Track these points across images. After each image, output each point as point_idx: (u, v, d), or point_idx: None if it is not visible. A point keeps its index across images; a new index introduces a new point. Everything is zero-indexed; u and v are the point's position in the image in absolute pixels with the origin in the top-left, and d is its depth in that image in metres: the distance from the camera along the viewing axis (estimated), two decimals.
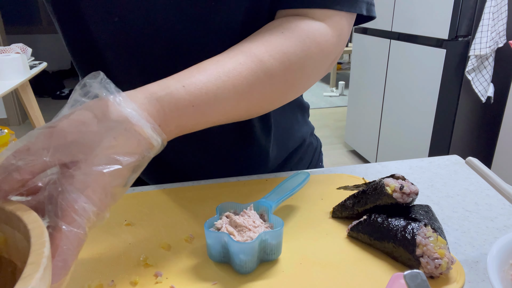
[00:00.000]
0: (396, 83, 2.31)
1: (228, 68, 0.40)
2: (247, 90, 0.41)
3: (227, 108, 0.41)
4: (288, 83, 0.45)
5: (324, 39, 0.46)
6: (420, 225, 0.40)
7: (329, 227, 0.48)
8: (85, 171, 0.29)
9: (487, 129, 2.10)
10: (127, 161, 0.31)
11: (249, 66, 0.41)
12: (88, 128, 0.30)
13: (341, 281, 0.39)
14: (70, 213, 0.28)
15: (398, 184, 0.43)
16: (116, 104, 0.32)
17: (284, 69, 0.44)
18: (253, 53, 0.42)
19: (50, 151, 0.29)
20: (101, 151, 0.30)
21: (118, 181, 0.31)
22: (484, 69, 1.89)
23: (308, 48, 0.45)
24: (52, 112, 4.13)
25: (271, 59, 0.42)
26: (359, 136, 2.82)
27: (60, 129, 0.30)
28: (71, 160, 0.30)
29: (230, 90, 0.40)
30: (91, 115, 0.31)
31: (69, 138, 0.30)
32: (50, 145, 0.29)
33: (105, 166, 0.30)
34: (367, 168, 0.65)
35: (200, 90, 0.37)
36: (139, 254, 0.43)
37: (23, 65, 2.14)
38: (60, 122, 0.30)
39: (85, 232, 0.29)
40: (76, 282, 0.39)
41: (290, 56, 0.44)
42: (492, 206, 0.54)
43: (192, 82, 0.37)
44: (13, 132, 2.41)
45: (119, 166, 0.30)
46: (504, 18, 1.81)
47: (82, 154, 0.30)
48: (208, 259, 0.42)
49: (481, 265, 0.42)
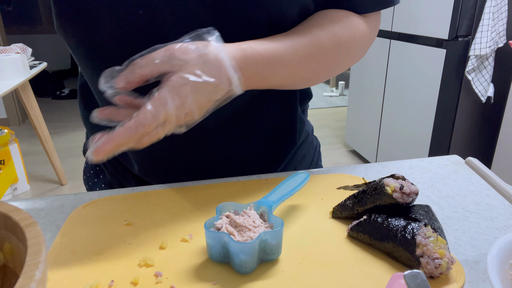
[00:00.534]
0: (396, 83, 2.31)
1: (293, 40, 0.49)
2: (306, 58, 0.50)
3: (289, 70, 0.49)
4: (336, 60, 0.54)
5: (364, 28, 0.56)
6: (420, 225, 0.40)
7: (329, 227, 0.48)
8: (175, 76, 0.40)
9: (487, 129, 2.10)
10: (207, 80, 0.41)
11: (308, 40, 0.50)
12: (188, 53, 0.41)
13: (341, 281, 0.39)
14: (156, 100, 0.39)
15: (398, 184, 0.43)
16: (213, 45, 0.43)
17: (335, 47, 0.53)
18: (310, 31, 0.51)
19: (161, 59, 0.41)
20: (191, 67, 0.41)
21: (200, 95, 0.41)
22: (484, 69, 1.89)
23: (353, 33, 0.54)
24: (52, 112, 4.13)
25: (325, 37, 0.51)
26: (359, 136, 2.82)
27: (172, 48, 0.42)
28: (171, 69, 0.41)
29: (294, 55, 0.49)
30: (195, 46, 0.42)
31: (176, 55, 0.41)
32: (164, 56, 0.41)
33: (190, 76, 0.40)
34: (367, 168, 0.65)
35: (273, 48, 0.48)
36: (139, 254, 0.43)
37: (23, 65, 2.14)
38: (174, 44, 0.42)
39: (162, 117, 0.40)
40: (76, 282, 0.39)
41: (339, 37, 0.53)
42: (492, 206, 0.54)
43: (268, 43, 0.48)
44: (13, 132, 2.41)
45: (200, 80, 0.41)
46: (504, 18, 1.81)
47: (178, 67, 0.41)
48: (208, 259, 0.42)
49: (481, 265, 0.42)
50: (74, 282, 0.39)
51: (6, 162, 2.28)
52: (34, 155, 3.02)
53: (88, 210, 0.51)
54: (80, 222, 0.49)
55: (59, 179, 2.61)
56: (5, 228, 0.28)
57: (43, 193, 2.51)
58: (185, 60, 0.41)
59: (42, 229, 0.42)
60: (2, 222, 0.28)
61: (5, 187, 2.25)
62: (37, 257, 0.24)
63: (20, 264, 0.28)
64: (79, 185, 2.60)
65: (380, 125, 2.51)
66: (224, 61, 0.42)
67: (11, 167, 2.33)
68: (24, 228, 0.26)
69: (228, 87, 0.43)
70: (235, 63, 0.43)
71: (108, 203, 0.53)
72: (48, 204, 0.55)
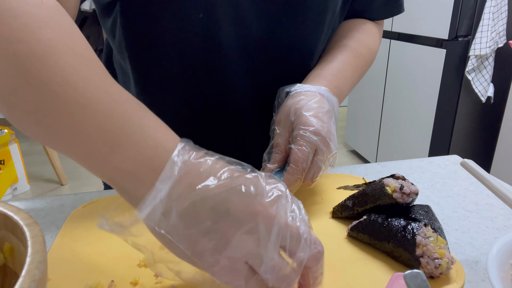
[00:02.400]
0: (396, 83, 2.31)
1: (343, 59, 0.58)
2: (355, 69, 0.59)
3: (349, 83, 0.58)
4: (368, 64, 0.64)
5: (379, 34, 0.68)
6: (420, 225, 0.40)
7: (329, 227, 0.48)
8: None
9: (487, 129, 2.10)
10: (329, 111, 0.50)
11: (352, 54, 0.59)
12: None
13: (341, 281, 0.39)
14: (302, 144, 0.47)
15: (398, 184, 0.43)
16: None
17: (368, 54, 0.63)
18: (349, 45, 0.60)
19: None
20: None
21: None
22: (484, 69, 1.89)
23: (375, 40, 0.65)
24: None
25: (360, 47, 0.61)
26: (359, 136, 2.82)
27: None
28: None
29: (349, 69, 0.58)
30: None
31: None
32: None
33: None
34: (367, 168, 0.65)
35: (336, 69, 0.57)
36: (139, 254, 0.43)
37: None
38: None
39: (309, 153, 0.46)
40: (76, 282, 0.39)
41: (370, 45, 0.63)
42: (492, 206, 0.54)
43: (330, 67, 0.57)
44: (13, 132, 2.41)
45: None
46: (504, 18, 1.81)
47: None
48: None
49: (481, 265, 0.42)
50: (74, 282, 0.39)
51: (6, 162, 2.28)
52: (34, 155, 3.02)
53: (88, 210, 0.51)
54: (80, 222, 0.49)
55: (59, 179, 2.61)
56: (5, 228, 0.28)
57: (43, 193, 2.51)
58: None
59: (42, 229, 0.42)
60: (2, 222, 0.28)
61: (5, 187, 2.25)
62: (37, 257, 0.24)
63: (20, 264, 0.28)
64: (79, 185, 2.60)
65: (380, 125, 2.51)
66: (326, 96, 0.52)
67: (11, 167, 2.33)
68: (24, 228, 0.26)
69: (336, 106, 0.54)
70: (330, 91, 0.53)
71: (108, 203, 0.53)
72: (48, 204, 0.55)
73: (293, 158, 0.46)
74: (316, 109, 0.48)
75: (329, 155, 0.48)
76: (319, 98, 0.50)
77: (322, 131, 0.46)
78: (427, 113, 2.07)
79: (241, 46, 0.54)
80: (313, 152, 0.46)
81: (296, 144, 0.46)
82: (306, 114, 0.47)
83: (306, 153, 0.46)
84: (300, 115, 0.48)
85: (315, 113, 0.48)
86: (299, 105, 0.49)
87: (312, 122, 0.47)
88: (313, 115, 0.47)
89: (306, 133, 0.46)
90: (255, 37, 0.54)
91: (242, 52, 0.54)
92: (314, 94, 0.50)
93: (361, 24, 0.64)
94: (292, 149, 0.47)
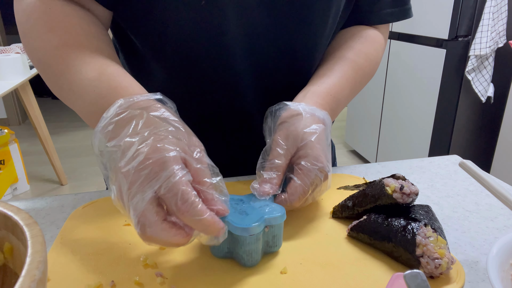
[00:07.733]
0: (396, 83, 2.31)
1: (340, 73, 0.57)
2: (354, 82, 0.58)
3: (347, 97, 0.58)
4: (369, 75, 0.62)
5: (382, 41, 0.65)
6: (420, 225, 0.40)
7: (329, 227, 0.48)
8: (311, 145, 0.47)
9: (487, 129, 2.10)
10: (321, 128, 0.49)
11: (351, 68, 0.58)
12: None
13: (341, 281, 0.39)
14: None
15: (398, 184, 0.43)
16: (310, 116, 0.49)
17: (369, 66, 0.61)
18: (348, 57, 0.59)
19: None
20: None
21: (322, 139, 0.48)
22: (484, 69, 1.89)
23: (377, 49, 0.63)
24: (52, 112, 4.13)
25: (360, 59, 0.59)
26: (359, 136, 2.82)
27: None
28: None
29: (347, 85, 0.57)
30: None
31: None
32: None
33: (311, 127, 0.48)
34: (367, 168, 0.65)
35: (334, 86, 0.55)
36: (139, 254, 0.43)
37: (23, 65, 2.14)
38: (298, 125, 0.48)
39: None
40: (76, 282, 0.39)
41: (370, 56, 0.61)
42: (492, 206, 0.54)
43: (328, 84, 0.55)
44: (13, 132, 2.41)
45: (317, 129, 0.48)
46: (504, 18, 1.81)
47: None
48: (209, 260, 0.42)
49: (481, 265, 0.42)
50: (74, 282, 0.39)
51: (6, 162, 2.28)
52: (34, 155, 3.02)
53: (88, 210, 0.51)
54: (80, 222, 0.49)
55: (59, 179, 2.61)
56: (5, 228, 0.28)
57: (43, 193, 2.51)
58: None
59: (42, 229, 0.42)
60: (2, 222, 0.28)
61: (5, 187, 2.25)
62: (37, 257, 0.24)
63: (20, 264, 0.28)
64: (79, 185, 2.60)
65: (380, 125, 2.51)
66: (315, 113, 0.50)
67: (11, 167, 2.33)
68: (24, 228, 0.26)
69: (329, 123, 0.53)
70: (322, 109, 0.52)
71: (108, 203, 0.53)
72: (48, 204, 0.55)
73: (291, 191, 0.45)
74: (323, 142, 0.48)
75: (324, 190, 0.48)
76: (324, 128, 0.49)
77: (326, 167, 0.46)
78: (427, 113, 2.07)
79: (246, 36, 0.53)
80: (313, 187, 0.46)
81: (299, 178, 0.45)
82: (318, 147, 0.46)
83: (307, 190, 0.45)
84: (312, 147, 0.46)
85: (323, 147, 0.47)
86: (309, 132, 0.47)
87: (322, 158, 0.46)
88: (321, 149, 0.47)
89: (313, 169, 0.45)
90: (258, 26, 0.53)
91: (246, 43, 0.54)
92: (319, 120, 0.49)
93: (362, 32, 0.62)
94: (293, 180, 0.46)
